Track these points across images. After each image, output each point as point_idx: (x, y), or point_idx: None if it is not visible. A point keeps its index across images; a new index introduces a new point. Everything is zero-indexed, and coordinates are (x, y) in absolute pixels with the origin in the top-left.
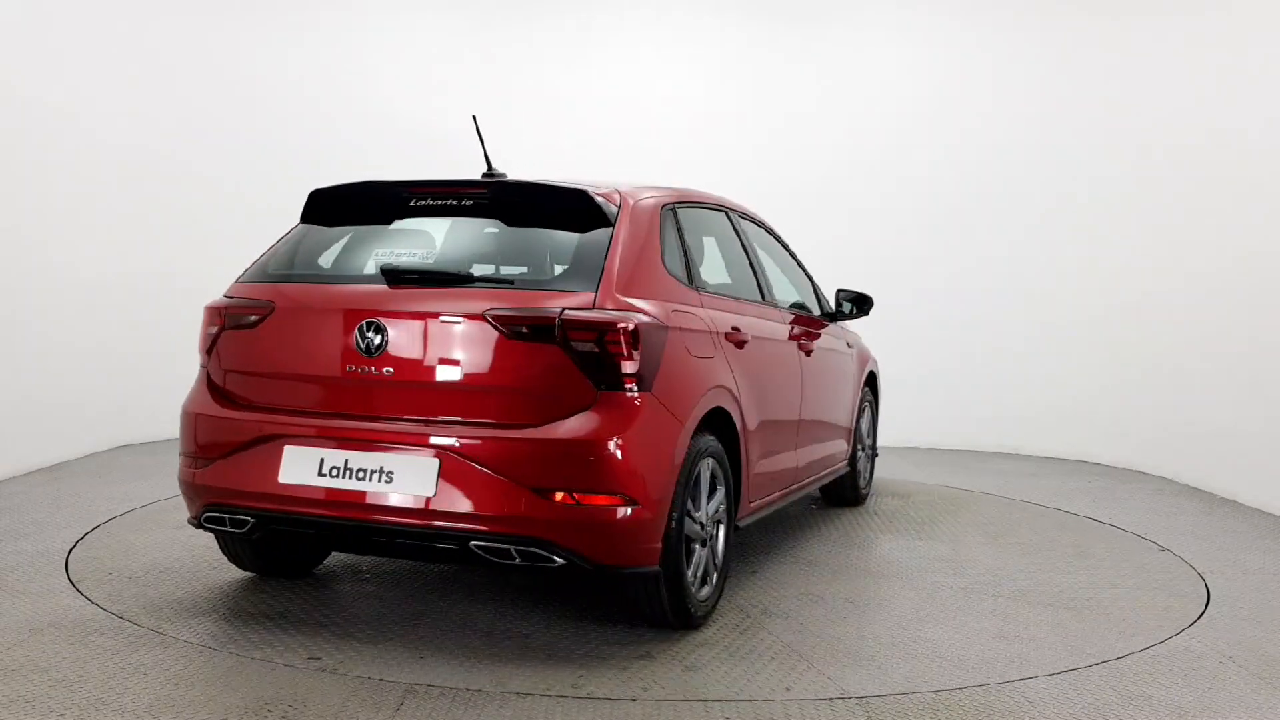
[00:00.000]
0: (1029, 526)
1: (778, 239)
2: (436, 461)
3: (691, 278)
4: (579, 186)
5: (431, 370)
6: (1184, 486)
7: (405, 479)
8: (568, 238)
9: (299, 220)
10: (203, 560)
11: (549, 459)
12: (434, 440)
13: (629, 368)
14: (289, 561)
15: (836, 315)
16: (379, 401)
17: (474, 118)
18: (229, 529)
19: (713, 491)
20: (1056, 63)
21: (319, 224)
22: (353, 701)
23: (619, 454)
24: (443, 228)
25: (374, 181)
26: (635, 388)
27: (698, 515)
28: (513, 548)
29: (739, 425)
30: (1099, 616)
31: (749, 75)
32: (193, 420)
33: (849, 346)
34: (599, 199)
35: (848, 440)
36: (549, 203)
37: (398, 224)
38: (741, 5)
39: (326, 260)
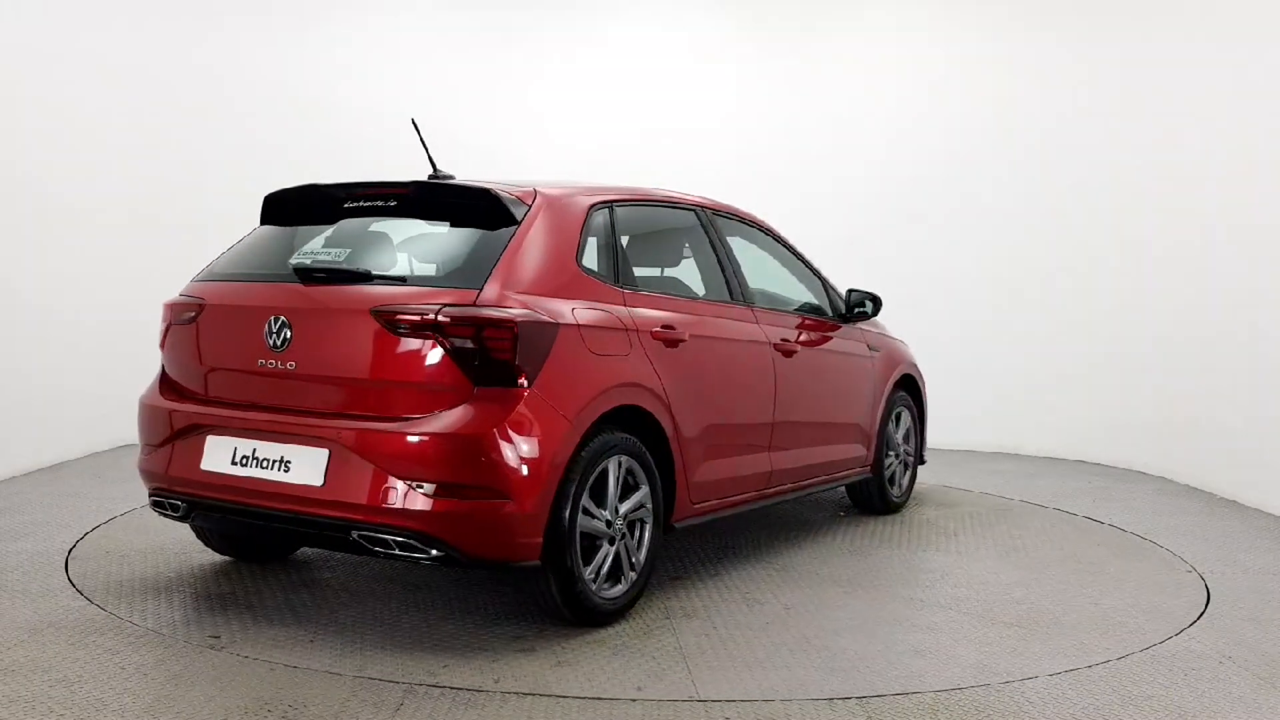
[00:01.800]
0: (1063, 541)
1: (778, 240)
2: (326, 453)
3: (619, 276)
4: (488, 186)
5: (327, 365)
6: (1184, 486)
7: (299, 469)
8: (473, 236)
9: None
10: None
11: (422, 453)
12: (324, 432)
13: (504, 364)
14: (255, 546)
15: (851, 317)
16: (284, 394)
17: (413, 121)
18: (169, 513)
19: (629, 490)
20: (1060, 61)
21: (274, 225)
22: (353, 701)
23: (489, 449)
24: (368, 228)
25: (316, 184)
26: (512, 384)
27: (601, 513)
28: (390, 538)
29: (667, 424)
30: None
31: (752, 75)
32: (142, 411)
33: (872, 349)
34: (506, 198)
35: (867, 445)
36: (461, 202)
37: (334, 225)
38: (746, 4)
39: (260, 260)
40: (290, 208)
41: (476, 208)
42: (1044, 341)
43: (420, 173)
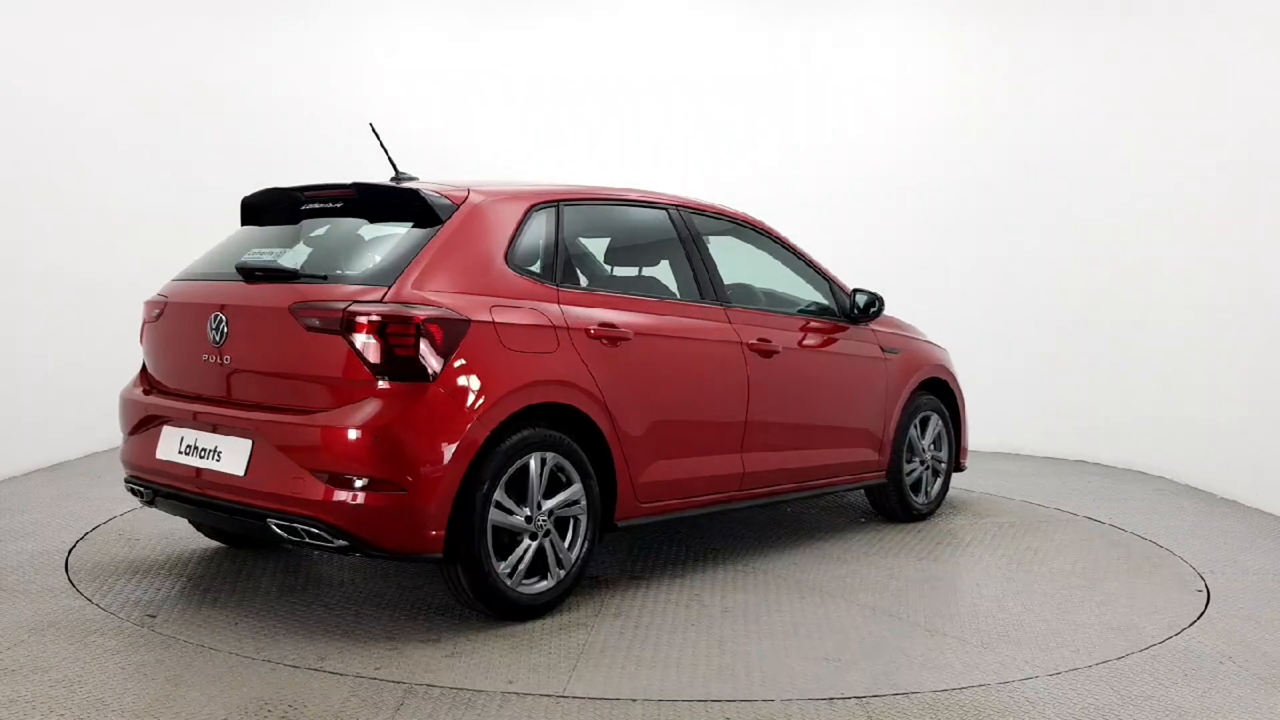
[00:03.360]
0: (1080, 554)
1: (777, 240)
2: (250, 443)
3: (558, 275)
4: (417, 187)
5: (254, 359)
6: (1184, 486)
7: (228, 459)
8: (399, 236)
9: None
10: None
11: (327, 445)
12: (248, 424)
13: (407, 360)
14: (238, 535)
15: (859, 318)
16: (221, 387)
17: (371, 125)
18: (139, 498)
19: (559, 486)
20: (1064, 59)
21: (251, 226)
22: (353, 701)
23: (386, 442)
24: (314, 229)
25: (278, 187)
26: (415, 379)
27: (521, 509)
28: (300, 528)
29: (603, 422)
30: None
31: (756, 75)
32: (120, 402)
33: (888, 350)
34: (432, 199)
35: (878, 449)
36: (393, 204)
37: (292, 225)
38: (751, 3)
39: (220, 260)
40: (261, 210)
41: (407, 208)
42: (1044, 341)
43: (420, 173)
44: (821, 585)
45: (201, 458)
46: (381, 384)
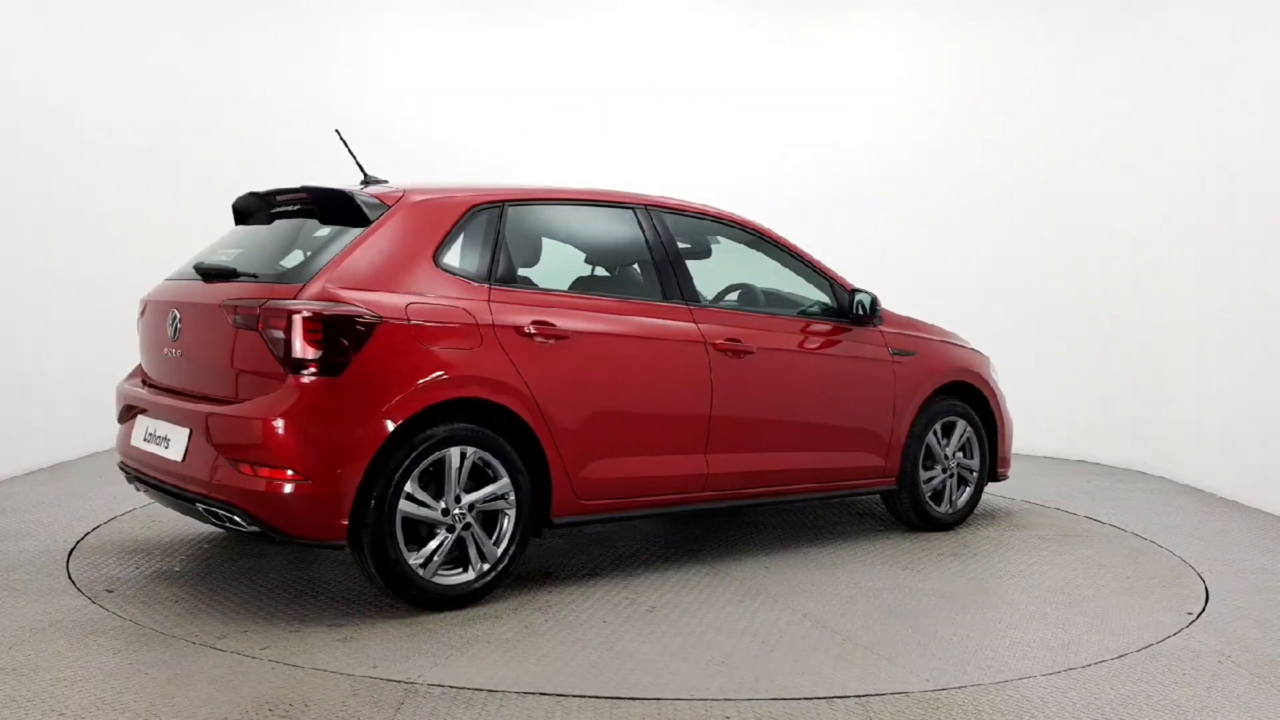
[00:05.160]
0: (1091, 570)
1: (773, 241)
2: (188, 431)
3: (491, 274)
4: (349, 190)
5: (197, 354)
6: (1184, 486)
7: (172, 446)
8: (331, 235)
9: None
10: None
11: (240, 434)
12: (186, 414)
13: (309, 354)
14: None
15: (862, 319)
16: (175, 378)
17: (338, 132)
18: (128, 480)
19: (482, 481)
20: (1065, 59)
21: (240, 226)
22: (353, 701)
23: (288, 433)
24: (280, 229)
25: (254, 191)
26: (319, 372)
27: (437, 502)
28: (221, 512)
29: (532, 419)
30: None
31: (756, 75)
32: (116, 394)
33: (899, 352)
34: (363, 201)
35: (884, 454)
36: (331, 205)
37: (265, 226)
38: (751, 3)
39: (193, 260)
40: (245, 213)
41: (343, 210)
42: (1044, 341)
43: (420, 175)
44: (771, 590)
45: (157, 445)
46: (291, 377)
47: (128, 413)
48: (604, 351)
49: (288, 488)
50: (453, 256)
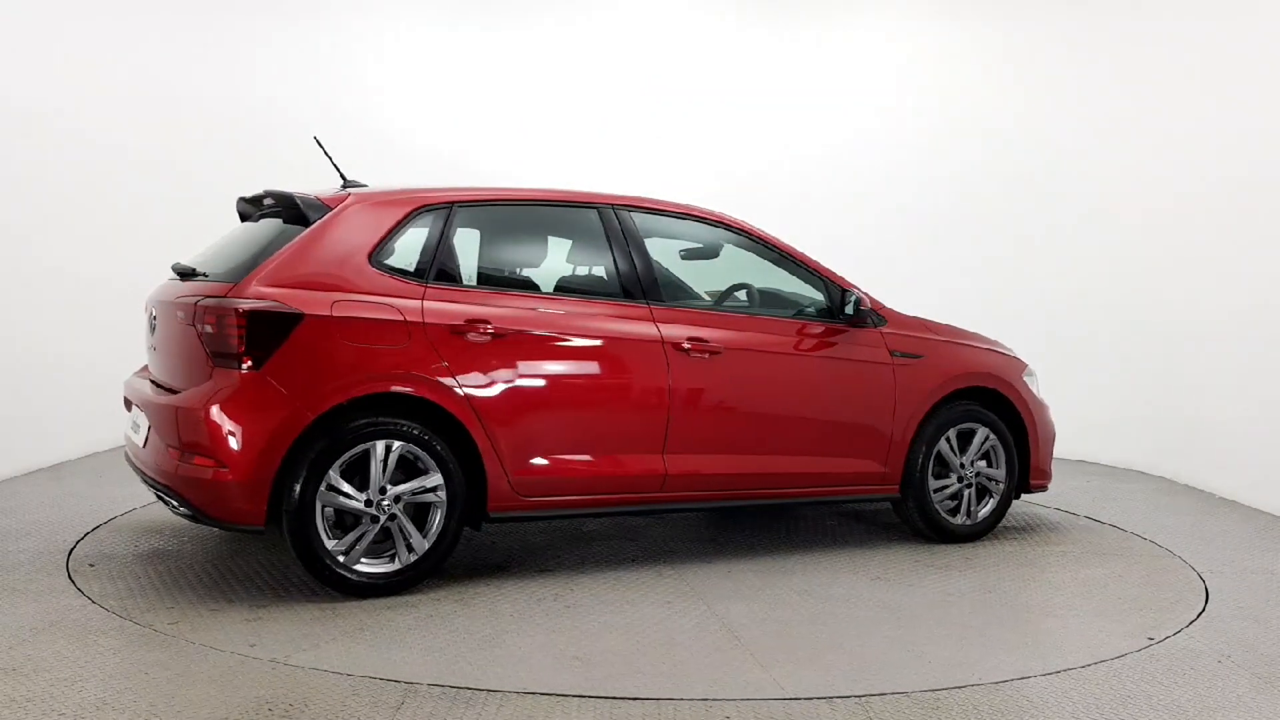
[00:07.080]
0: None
1: (761, 241)
2: (148, 421)
3: (429, 273)
4: (295, 192)
5: (164, 348)
6: (1184, 486)
7: (139, 434)
8: (278, 236)
9: None
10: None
11: (172, 421)
12: (149, 404)
13: (230, 348)
14: None
15: (856, 320)
16: (156, 372)
17: (316, 139)
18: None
19: (413, 474)
20: (1067, 60)
21: (241, 225)
22: (353, 701)
23: (205, 422)
24: (255, 230)
25: (243, 195)
26: (240, 365)
27: (360, 493)
28: (165, 495)
29: (464, 415)
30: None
31: (757, 74)
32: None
33: (903, 354)
34: (304, 202)
35: (883, 460)
36: (284, 207)
37: (251, 225)
38: (752, 3)
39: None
40: (243, 213)
41: (292, 212)
42: (1044, 341)
43: (418, 175)
44: (706, 593)
45: (135, 434)
46: (217, 370)
47: (126, 405)
48: (545, 350)
49: (210, 474)
50: (392, 256)
